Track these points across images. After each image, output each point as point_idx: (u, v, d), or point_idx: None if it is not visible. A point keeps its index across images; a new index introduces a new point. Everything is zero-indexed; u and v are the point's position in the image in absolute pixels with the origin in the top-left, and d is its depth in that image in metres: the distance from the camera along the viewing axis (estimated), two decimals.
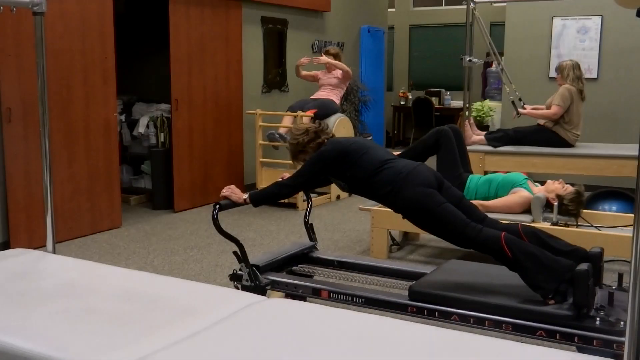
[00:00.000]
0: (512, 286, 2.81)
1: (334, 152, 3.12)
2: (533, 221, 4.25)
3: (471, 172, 4.49)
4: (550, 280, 2.67)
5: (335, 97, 6.77)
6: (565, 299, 2.65)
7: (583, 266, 2.60)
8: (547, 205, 4.34)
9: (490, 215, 3.21)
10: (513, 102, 6.08)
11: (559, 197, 4.27)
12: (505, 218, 4.21)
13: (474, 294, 2.80)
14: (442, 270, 3.17)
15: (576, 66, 5.72)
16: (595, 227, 4.24)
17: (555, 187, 4.32)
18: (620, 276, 2.87)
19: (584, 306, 2.57)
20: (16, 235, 4.91)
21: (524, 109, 5.96)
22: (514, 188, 4.36)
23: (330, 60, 6.66)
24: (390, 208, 3.10)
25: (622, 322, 2.48)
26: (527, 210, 4.33)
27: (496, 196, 4.36)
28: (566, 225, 4.22)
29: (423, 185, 2.96)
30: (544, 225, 4.22)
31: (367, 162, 3.07)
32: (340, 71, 6.70)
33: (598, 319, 2.55)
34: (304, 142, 3.27)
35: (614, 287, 2.82)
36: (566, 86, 5.65)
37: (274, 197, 3.23)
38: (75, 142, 5.37)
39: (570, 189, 4.31)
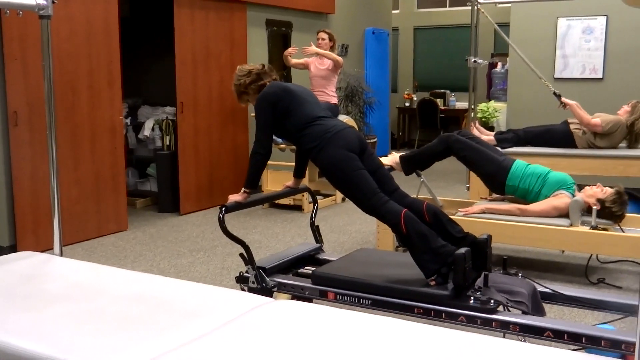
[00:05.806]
0: (408, 272, 3.03)
1: (273, 94, 3.19)
2: (571, 225, 4.14)
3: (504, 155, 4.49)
4: (433, 262, 2.90)
5: (332, 97, 6.68)
6: (447, 281, 2.88)
7: (462, 250, 2.82)
8: (586, 209, 4.24)
9: (527, 219, 3.22)
10: (555, 94, 6.00)
11: (600, 201, 4.17)
12: (541, 221, 4.15)
13: (368, 277, 3.02)
14: (348, 257, 3.38)
15: None
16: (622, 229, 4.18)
17: (594, 192, 4.22)
18: (505, 260, 3.21)
19: (461, 286, 2.81)
20: (23, 239, 4.93)
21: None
22: (558, 190, 4.26)
23: (320, 50, 6.50)
24: (314, 164, 3.20)
25: (492, 301, 2.74)
26: (563, 214, 4.21)
27: (539, 192, 4.27)
28: (605, 229, 4.11)
29: (345, 148, 3.07)
30: (583, 230, 4.12)
31: (300, 115, 3.17)
32: (331, 62, 6.53)
33: (472, 298, 2.79)
34: (246, 84, 3.31)
35: (500, 271, 3.12)
36: (622, 119, 5.46)
37: (257, 166, 3.21)
38: (81, 145, 5.38)
39: (609, 190, 4.21)
